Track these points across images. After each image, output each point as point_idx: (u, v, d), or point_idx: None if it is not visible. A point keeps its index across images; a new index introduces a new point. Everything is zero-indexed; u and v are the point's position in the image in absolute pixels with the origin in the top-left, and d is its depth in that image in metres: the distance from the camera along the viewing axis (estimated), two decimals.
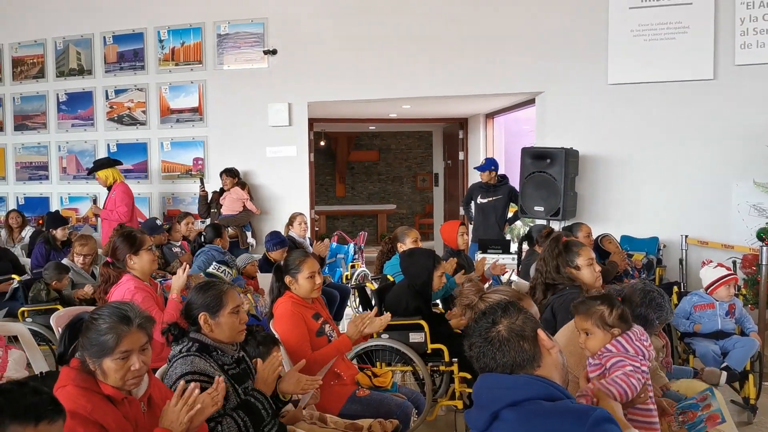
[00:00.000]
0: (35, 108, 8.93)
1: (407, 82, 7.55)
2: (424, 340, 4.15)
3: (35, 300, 5.08)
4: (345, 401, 3.32)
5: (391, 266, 4.99)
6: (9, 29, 8.95)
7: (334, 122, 11.08)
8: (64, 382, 2.13)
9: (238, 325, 2.70)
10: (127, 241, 3.92)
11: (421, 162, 15.73)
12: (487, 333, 1.77)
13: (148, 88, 8.34)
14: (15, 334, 3.70)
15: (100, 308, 2.25)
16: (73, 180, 8.75)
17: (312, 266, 3.50)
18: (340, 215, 15.39)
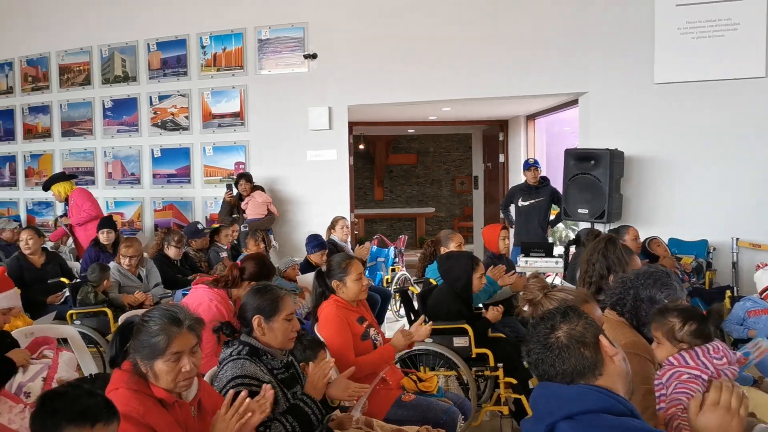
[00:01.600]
0: (82, 114, 9.13)
1: (447, 84, 7.51)
2: (469, 344, 4.10)
3: (83, 303, 5.16)
4: (390, 406, 3.29)
5: (433, 270, 4.95)
6: (56, 38, 9.17)
7: (373, 125, 11.08)
8: (117, 385, 2.14)
9: (291, 333, 2.69)
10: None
11: (460, 165, 15.63)
12: (546, 339, 1.71)
13: (191, 93, 8.45)
14: (65, 336, 3.76)
15: (151, 310, 2.26)
16: (119, 185, 8.90)
17: (359, 268, 3.50)
18: (378, 218, 15.37)
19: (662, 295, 2.64)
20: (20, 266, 5.71)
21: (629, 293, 2.69)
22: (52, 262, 5.96)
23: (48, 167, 9.38)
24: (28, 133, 9.58)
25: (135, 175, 8.86)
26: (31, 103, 9.50)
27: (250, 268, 3.85)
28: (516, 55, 7.27)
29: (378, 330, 3.61)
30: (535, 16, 7.22)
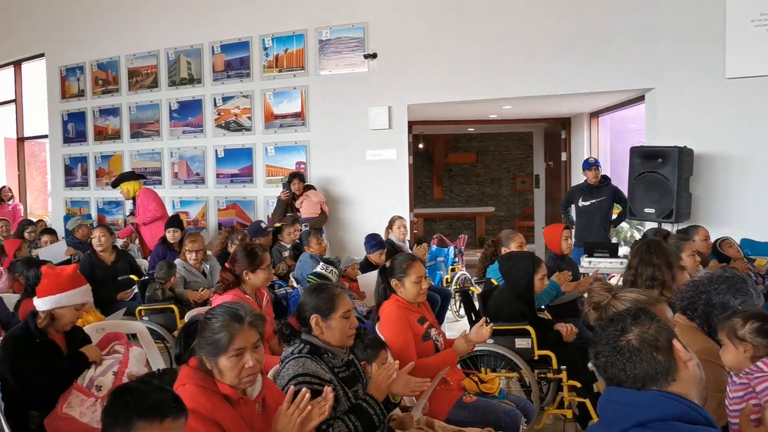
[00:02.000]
0: (149, 116, 9.40)
1: (508, 81, 7.41)
2: (531, 346, 4.04)
3: (151, 299, 5.31)
4: (452, 407, 3.26)
5: (494, 270, 4.89)
6: (125, 42, 9.48)
7: (432, 124, 11.04)
8: (184, 381, 2.18)
9: (349, 330, 2.70)
10: (249, 257, 4.01)
11: (521, 163, 15.42)
12: (616, 342, 1.65)
13: (253, 94, 8.60)
14: (134, 332, 3.87)
15: (214, 308, 2.30)
16: (184, 185, 9.12)
17: (419, 270, 3.47)
18: (437, 218, 15.30)
19: (736, 301, 2.54)
20: (92, 264, 5.91)
21: (701, 298, 2.59)
22: (121, 260, 6.15)
23: (118, 168, 9.70)
24: (99, 134, 9.94)
25: (200, 175, 9.07)
26: (102, 105, 9.85)
27: (241, 261, 3.97)
28: (580, 50, 7.12)
29: (439, 330, 3.59)
30: (600, 10, 7.04)
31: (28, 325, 2.99)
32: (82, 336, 3.25)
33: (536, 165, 12.28)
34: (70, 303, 3.05)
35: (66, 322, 3.06)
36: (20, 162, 11.99)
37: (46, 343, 2.99)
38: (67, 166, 10.40)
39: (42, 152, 12.32)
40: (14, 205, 10.92)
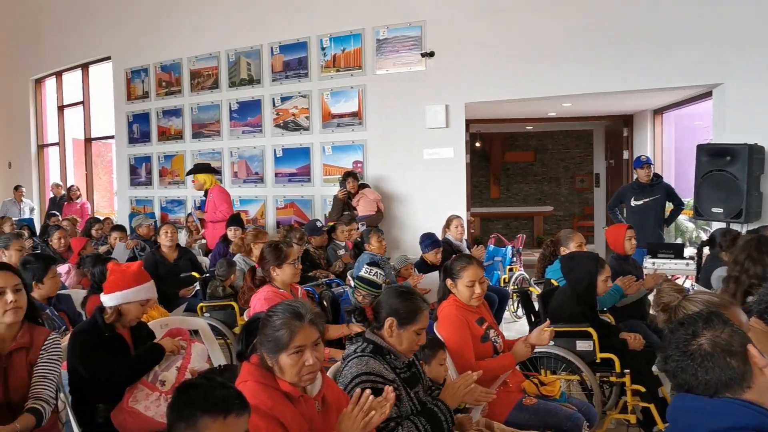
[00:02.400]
0: (210, 117, 9.60)
1: (569, 78, 7.27)
2: (593, 348, 3.94)
3: (212, 296, 5.41)
4: (511, 409, 3.21)
5: (554, 270, 4.80)
6: (188, 44, 9.71)
7: (490, 123, 10.93)
8: (245, 378, 2.21)
9: (416, 345, 2.68)
10: (274, 253, 4.09)
11: (580, 162, 15.10)
12: (687, 346, 1.58)
13: (311, 94, 8.68)
14: (196, 328, 3.95)
15: (275, 306, 2.32)
16: (243, 184, 9.28)
17: (473, 274, 3.41)
18: (494, 217, 15.13)
19: None
20: (155, 261, 6.06)
21: None
22: (184, 257, 6.28)
23: (180, 167, 9.95)
24: (162, 135, 10.21)
25: (258, 174, 9.21)
26: (165, 106, 10.11)
27: (268, 258, 4.07)
28: (645, 45, 6.91)
29: (498, 332, 3.54)
30: (664, 4, 6.83)
31: (96, 320, 3.07)
32: (147, 331, 3.32)
33: (596, 163, 12.04)
34: (135, 299, 3.12)
35: (132, 317, 3.13)
36: (88, 162, 12.42)
37: (113, 338, 3.07)
38: (132, 166, 10.72)
39: (108, 152, 12.73)
40: (82, 203, 11.32)
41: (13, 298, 2.69)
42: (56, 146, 13.24)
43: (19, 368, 2.69)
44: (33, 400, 2.60)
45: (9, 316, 2.68)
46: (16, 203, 11.75)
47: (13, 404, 2.61)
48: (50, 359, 2.75)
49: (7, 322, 2.68)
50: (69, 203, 11.18)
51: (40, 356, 2.74)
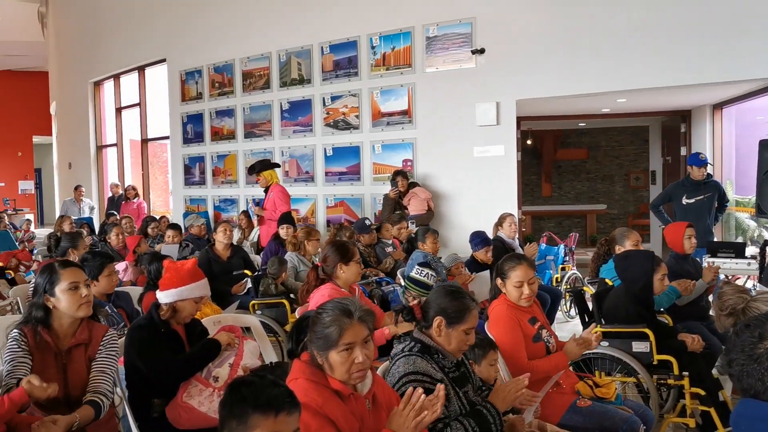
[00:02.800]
0: (262, 117, 9.73)
1: (624, 73, 7.08)
2: (650, 350, 3.84)
3: (264, 294, 5.48)
4: (565, 411, 3.14)
5: (608, 269, 4.69)
6: (240, 45, 9.85)
7: (541, 120, 10.77)
8: (296, 375, 2.22)
9: (465, 345, 2.65)
10: (340, 251, 4.11)
11: (635, 159, 14.75)
12: (753, 349, 1.51)
13: (361, 93, 8.70)
14: (248, 325, 3.99)
15: (324, 303, 2.32)
16: (294, 183, 9.36)
17: (521, 275, 3.35)
18: (546, 216, 14.92)
19: None
20: (209, 259, 6.16)
21: None
22: (236, 255, 6.37)
23: (233, 167, 10.11)
24: (215, 135, 10.38)
25: (309, 173, 9.28)
26: (218, 107, 10.28)
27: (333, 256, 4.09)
28: (704, 37, 6.68)
29: (550, 331, 3.47)
30: None
31: (152, 317, 3.13)
32: (201, 328, 3.37)
33: (652, 160, 11.74)
34: (190, 296, 3.17)
35: (187, 314, 3.19)
36: (144, 162, 12.74)
37: (168, 334, 3.13)
38: (186, 166, 10.94)
39: (163, 153, 13.03)
40: (138, 203, 11.61)
41: (86, 292, 2.78)
42: (114, 147, 13.63)
43: (78, 363, 2.76)
44: (92, 393, 2.67)
45: (83, 310, 2.78)
46: (75, 203, 12.14)
47: (72, 399, 2.68)
48: (108, 355, 2.82)
49: (81, 315, 2.77)
50: (126, 202, 11.49)
51: (99, 352, 2.81)
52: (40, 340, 2.73)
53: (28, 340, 2.71)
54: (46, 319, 2.77)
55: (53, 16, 16.26)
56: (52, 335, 2.76)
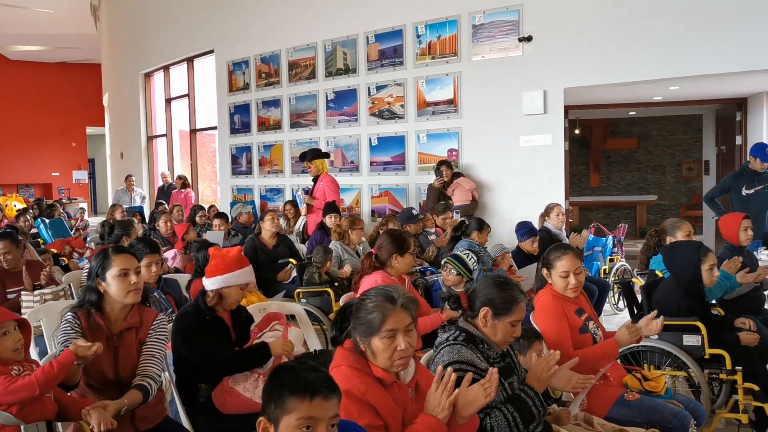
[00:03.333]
0: (307, 107, 9.78)
1: (677, 60, 6.87)
2: (701, 343, 3.74)
3: (309, 282, 5.52)
4: (612, 404, 3.09)
5: (658, 261, 4.58)
6: (286, 36, 9.92)
7: (590, 109, 10.57)
8: (339, 363, 2.22)
9: (511, 337, 2.62)
10: (397, 241, 4.15)
11: (688, 149, 14.36)
12: None
13: (406, 82, 8.66)
14: (293, 313, 4.03)
15: (368, 290, 2.32)
16: (339, 172, 9.39)
17: (567, 265, 3.28)
18: (594, 206, 14.66)
19: None
20: (255, 247, 6.25)
21: None
22: (282, 243, 6.45)
23: (278, 156, 10.20)
24: (262, 125, 10.49)
25: (354, 163, 9.30)
26: (264, 97, 10.38)
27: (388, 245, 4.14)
28: (760, 22, 6.42)
29: (598, 323, 3.41)
30: None
31: (198, 304, 3.18)
32: (246, 315, 3.42)
33: (705, 150, 11.45)
34: (235, 283, 3.21)
35: (232, 300, 3.23)
36: (192, 152, 12.96)
37: (215, 321, 3.17)
38: (233, 156, 11.09)
39: (211, 143, 13.23)
40: (186, 192, 11.83)
41: (136, 279, 2.84)
42: (164, 137, 13.90)
43: (129, 347, 2.83)
44: (140, 377, 2.73)
45: (131, 297, 2.83)
46: (127, 192, 12.43)
47: (122, 381, 2.75)
48: (157, 339, 2.88)
49: (129, 302, 2.83)
50: (176, 192, 11.71)
51: (149, 336, 2.87)
52: (92, 323, 2.80)
53: (81, 323, 2.79)
54: (98, 302, 2.84)
55: (105, 9, 16.63)
56: (104, 318, 2.82)
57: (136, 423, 2.77)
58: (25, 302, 4.47)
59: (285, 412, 1.70)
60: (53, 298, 4.51)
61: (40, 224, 8.82)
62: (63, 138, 23.41)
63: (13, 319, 2.57)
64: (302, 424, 1.70)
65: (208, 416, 3.05)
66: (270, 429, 1.74)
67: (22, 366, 2.54)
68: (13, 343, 2.53)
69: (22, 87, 22.44)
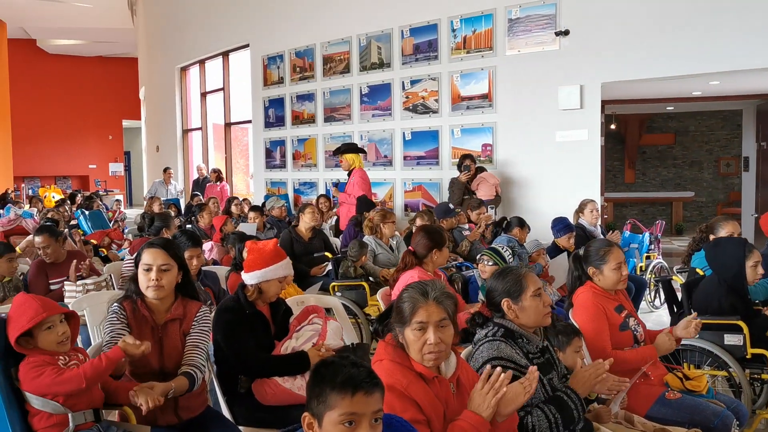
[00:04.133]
0: (341, 101, 9.81)
1: (719, 54, 6.73)
2: (743, 343, 3.68)
3: (344, 276, 5.56)
4: (653, 403, 3.06)
5: (699, 258, 4.51)
6: (321, 30, 9.95)
7: (627, 103, 10.42)
8: (381, 357, 2.24)
9: (543, 308, 2.62)
10: (434, 236, 4.20)
11: (726, 145, 14.09)
12: None
13: (441, 77, 8.63)
14: (330, 306, 4.06)
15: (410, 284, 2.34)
16: (373, 167, 9.41)
17: (618, 256, 3.30)
18: (629, 203, 14.48)
19: None
20: (291, 240, 6.29)
21: None
22: (317, 237, 6.48)
23: (312, 150, 10.26)
24: (296, 119, 10.55)
25: (387, 157, 9.31)
26: (299, 91, 10.43)
27: (426, 241, 4.18)
28: None
29: (638, 320, 3.38)
30: None
31: (239, 298, 3.22)
32: (285, 308, 3.45)
33: (745, 146, 11.20)
34: (274, 276, 3.24)
35: (272, 293, 3.26)
36: (227, 146, 13.10)
37: (254, 315, 3.21)
38: (267, 149, 11.18)
39: (244, 137, 13.34)
40: (222, 185, 11.95)
41: (156, 276, 2.82)
42: (199, 131, 14.06)
43: (173, 338, 2.87)
44: (186, 366, 2.78)
45: (150, 292, 2.83)
46: (164, 184, 12.62)
47: (166, 371, 2.79)
48: (201, 330, 2.92)
49: (149, 296, 2.86)
50: (211, 185, 11.85)
51: (192, 327, 2.91)
52: (138, 313, 2.85)
53: (127, 314, 2.84)
54: (140, 292, 2.88)
55: (142, 3, 16.86)
56: (149, 309, 2.87)
57: (179, 412, 2.82)
58: (68, 292, 4.57)
59: (327, 408, 1.71)
60: (95, 288, 4.60)
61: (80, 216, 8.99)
62: (100, 131, 23.83)
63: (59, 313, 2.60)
64: (345, 420, 1.70)
65: (248, 406, 3.09)
66: (314, 424, 1.75)
67: (68, 356, 2.59)
68: (57, 336, 2.55)
69: (60, 80, 22.88)
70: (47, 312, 2.53)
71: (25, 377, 2.47)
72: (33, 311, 2.51)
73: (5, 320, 2.56)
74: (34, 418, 2.50)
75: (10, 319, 2.54)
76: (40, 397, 2.47)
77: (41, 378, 2.45)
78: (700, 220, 14.11)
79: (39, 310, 2.51)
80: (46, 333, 2.54)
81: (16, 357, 2.53)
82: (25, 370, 2.48)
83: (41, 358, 2.50)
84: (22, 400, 2.50)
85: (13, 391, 2.50)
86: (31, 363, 2.48)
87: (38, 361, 2.49)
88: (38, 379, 2.45)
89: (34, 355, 2.51)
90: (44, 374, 2.45)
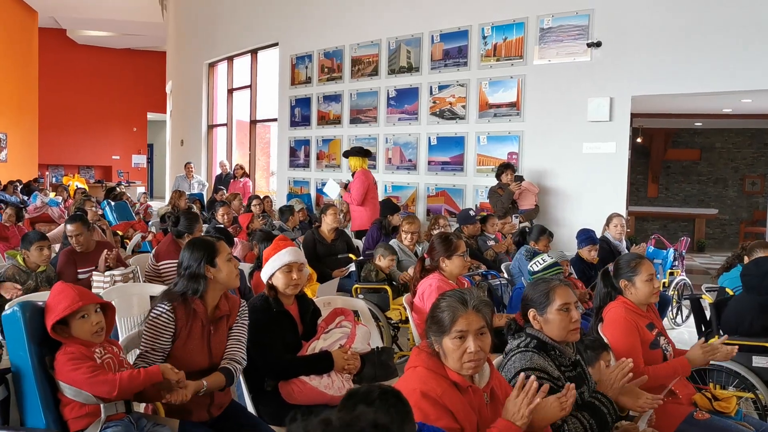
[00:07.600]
0: (368, 103, 9.82)
1: (752, 72, 6.66)
2: None
3: (366, 279, 5.55)
4: (680, 422, 3.02)
5: (730, 279, 4.47)
6: (351, 32, 9.98)
7: (654, 117, 10.36)
8: (416, 363, 2.24)
9: (570, 324, 2.59)
10: (444, 244, 4.21)
11: (752, 163, 13.96)
12: None
13: (469, 83, 8.62)
14: (356, 309, 4.06)
15: (446, 292, 2.33)
16: (396, 170, 9.42)
17: (650, 268, 3.27)
18: (650, 217, 14.37)
19: None
20: (314, 240, 6.31)
21: None
22: (340, 238, 6.49)
23: (336, 151, 10.28)
24: (322, 119, 10.59)
25: (412, 161, 9.31)
26: (326, 92, 10.47)
27: (438, 248, 4.23)
28: None
29: (668, 339, 3.34)
30: None
31: (266, 297, 3.23)
32: (314, 307, 3.45)
33: None
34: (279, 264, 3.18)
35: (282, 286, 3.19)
36: (252, 143, 13.16)
37: (282, 314, 3.21)
38: (291, 148, 11.22)
39: (267, 134, 13.40)
40: (244, 182, 12.01)
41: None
42: (224, 127, 14.14)
43: (221, 334, 2.90)
44: (227, 360, 2.80)
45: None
46: (186, 179, 12.69)
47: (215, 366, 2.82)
48: (242, 325, 2.96)
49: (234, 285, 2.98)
50: (234, 181, 11.91)
51: (236, 322, 2.95)
52: (190, 311, 2.81)
53: (175, 315, 2.79)
54: (204, 290, 2.85)
55: None
56: (204, 306, 2.86)
57: (211, 409, 2.83)
58: (96, 282, 4.62)
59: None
60: (122, 279, 4.65)
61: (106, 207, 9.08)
62: (124, 122, 24.05)
63: (95, 303, 2.62)
64: None
65: (274, 404, 3.10)
66: None
67: (103, 348, 2.61)
68: (91, 326, 2.56)
69: (87, 71, 23.14)
70: (83, 301, 2.55)
71: (61, 368, 2.48)
72: (70, 300, 2.53)
73: (42, 309, 2.58)
74: (66, 408, 2.51)
75: (48, 307, 2.56)
76: (74, 387, 2.49)
77: (77, 372, 2.45)
78: (722, 237, 13.97)
79: (75, 299, 2.53)
80: (81, 322, 2.56)
81: (51, 346, 2.54)
82: (62, 360, 2.48)
83: (79, 350, 2.51)
84: (55, 389, 2.52)
85: (47, 379, 2.52)
86: (69, 354, 2.49)
87: (76, 353, 2.49)
88: (74, 372, 2.45)
89: (70, 344, 2.52)
90: (80, 369, 2.45)
